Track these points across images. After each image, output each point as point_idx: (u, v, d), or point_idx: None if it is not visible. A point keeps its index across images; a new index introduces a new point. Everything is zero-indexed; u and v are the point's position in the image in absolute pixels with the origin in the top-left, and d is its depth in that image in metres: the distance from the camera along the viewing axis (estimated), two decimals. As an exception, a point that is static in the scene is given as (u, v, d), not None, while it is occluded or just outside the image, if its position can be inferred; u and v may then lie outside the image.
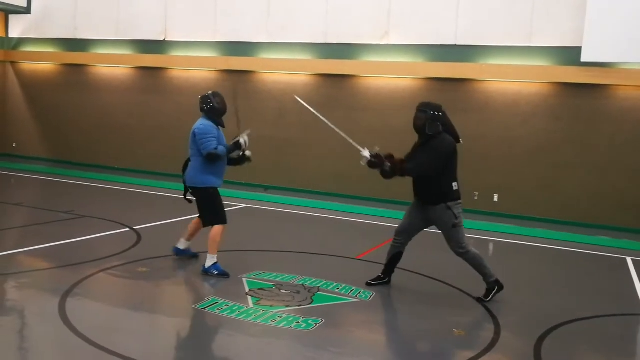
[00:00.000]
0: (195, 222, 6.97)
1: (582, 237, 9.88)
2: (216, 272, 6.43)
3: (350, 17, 11.96)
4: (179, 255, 7.06)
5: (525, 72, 10.69)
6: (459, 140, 6.09)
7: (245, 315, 5.32)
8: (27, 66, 15.42)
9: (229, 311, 5.39)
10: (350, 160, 11.68)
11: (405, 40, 11.55)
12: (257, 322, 5.18)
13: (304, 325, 5.18)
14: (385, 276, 6.46)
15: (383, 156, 5.96)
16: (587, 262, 8.56)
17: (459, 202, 6.01)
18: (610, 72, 10.18)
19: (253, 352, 4.67)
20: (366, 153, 5.97)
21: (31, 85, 15.38)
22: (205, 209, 6.61)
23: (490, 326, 5.46)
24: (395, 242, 6.34)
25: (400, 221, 6.38)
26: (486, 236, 9.72)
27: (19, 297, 5.67)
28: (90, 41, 14.41)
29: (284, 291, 6.07)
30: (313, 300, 5.85)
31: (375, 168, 5.97)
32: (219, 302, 5.59)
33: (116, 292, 6.06)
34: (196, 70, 13.43)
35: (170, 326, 5.27)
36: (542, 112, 10.80)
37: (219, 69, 13.14)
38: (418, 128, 6.03)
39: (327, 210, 11.11)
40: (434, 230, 6.30)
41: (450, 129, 6.04)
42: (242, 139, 6.53)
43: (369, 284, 6.42)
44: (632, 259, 8.59)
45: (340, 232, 9.67)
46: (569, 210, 10.63)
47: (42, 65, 15.18)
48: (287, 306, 5.62)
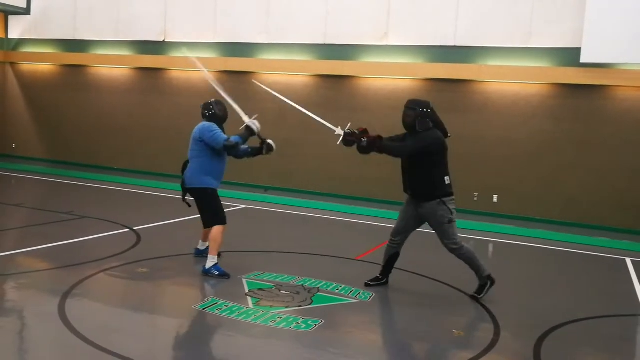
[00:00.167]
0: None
1: (582, 238, 9.89)
2: (217, 273, 6.44)
3: (349, 18, 11.95)
4: (198, 256, 7.13)
5: (525, 73, 10.69)
6: (446, 135, 6.14)
7: (245, 315, 5.32)
8: (27, 67, 15.42)
9: (228, 312, 5.39)
10: (349, 161, 11.77)
11: (405, 41, 11.55)
12: (256, 322, 5.19)
13: (304, 325, 5.18)
14: (383, 277, 6.48)
15: (357, 132, 5.98)
16: (587, 262, 8.57)
17: (452, 198, 6.04)
18: (609, 73, 10.18)
19: (253, 353, 4.67)
20: (340, 131, 6.01)
21: (31, 86, 15.37)
22: (205, 210, 6.64)
23: (489, 327, 5.47)
24: (392, 243, 6.35)
25: (395, 222, 6.40)
26: (486, 237, 9.73)
27: (18, 298, 5.67)
28: (90, 42, 14.41)
29: (284, 292, 6.07)
30: (313, 301, 5.86)
31: (351, 145, 5.99)
32: (219, 303, 5.59)
33: (116, 293, 6.06)
34: (195, 71, 13.42)
35: (170, 327, 5.27)
36: (542, 113, 10.80)
37: (219, 70, 13.13)
38: (407, 125, 6.06)
39: (326, 211, 11.12)
40: (432, 230, 6.29)
41: (439, 126, 6.09)
42: (252, 124, 6.51)
43: (367, 284, 6.43)
44: (631, 259, 8.60)
45: (340, 232, 9.68)
46: (569, 211, 10.63)
47: (41, 66, 15.17)
48: (287, 307, 5.62)
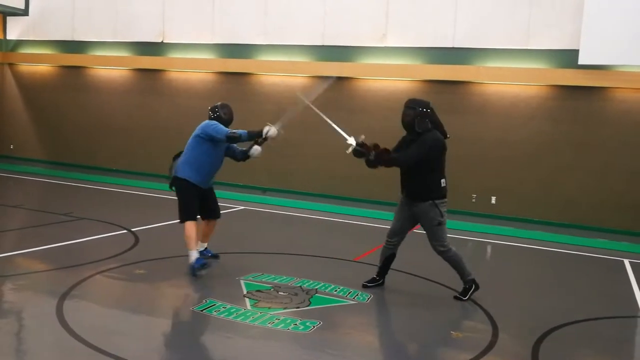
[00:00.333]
0: (206, 224, 7.07)
1: (580, 240, 9.90)
2: (199, 264, 6.43)
3: (348, 19, 11.96)
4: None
5: (523, 75, 10.71)
6: (446, 136, 6.15)
7: (242, 317, 5.32)
8: (25, 68, 15.41)
9: (226, 313, 5.38)
10: (349, 162, 11.73)
11: (403, 43, 11.56)
12: (254, 324, 5.18)
13: (302, 327, 5.18)
14: (380, 278, 6.48)
15: (369, 145, 5.90)
16: (585, 264, 8.58)
17: (444, 201, 6.05)
18: (607, 75, 10.20)
19: (251, 354, 4.67)
20: (352, 141, 5.92)
21: (29, 87, 15.37)
22: (178, 202, 6.69)
23: (488, 328, 5.46)
24: (388, 244, 6.36)
25: (391, 223, 6.41)
26: (484, 238, 9.73)
27: (16, 299, 5.66)
28: (88, 43, 14.41)
29: (282, 293, 6.06)
30: (311, 302, 5.85)
31: (360, 157, 5.92)
32: (217, 304, 5.58)
33: (114, 294, 6.05)
34: (194, 72, 13.43)
35: (168, 328, 5.26)
36: (540, 115, 10.81)
37: (217, 71, 13.14)
38: (406, 124, 6.05)
39: (325, 212, 11.12)
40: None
41: (438, 126, 6.09)
42: (269, 128, 6.33)
43: (364, 285, 6.42)
44: (629, 261, 8.61)
45: (338, 234, 9.67)
46: (567, 212, 10.64)
47: (40, 67, 15.17)
48: (285, 308, 5.62)
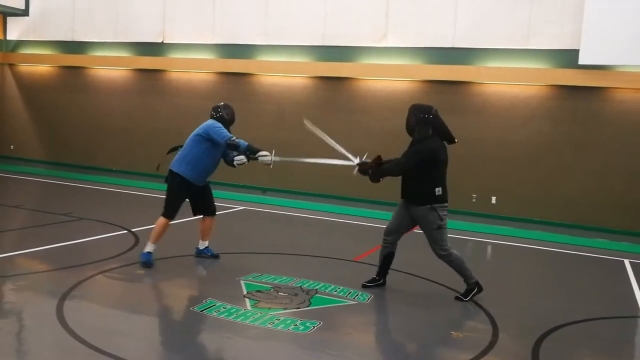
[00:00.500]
0: (202, 221, 7.15)
1: (580, 240, 9.90)
2: (144, 259, 6.64)
3: (348, 19, 11.96)
4: (199, 255, 7.22)
5: (523, 75, 10.70)
6: (453, 141, 6.14)
7: (242, 317, 5.32)
8: (25, 68, 15.42)
9: (226, 313, 5.39)
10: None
11: (404, 43, 11.56)
12: (254, 324, 5.18)
13: (302, 327, 5.18)
14: (380, 277, 6.48)
15: (371, 161, 6.08)
16: (585, 264, 8.58)
17: (444, 205, 6.04)
18: (608, 75, 10.19)
19: (251, 355, 4.67)
20: (355, 162, 6.13)
21: (29, 87, 15.37)
22: (166, 196, 6.78)
23: (488, 328, 5.46)
24: (385, 243, 6.37)
25: (388, 221, 6.43)
26: (484, 238, 9.73)
27: (17, 300, 5.66)
28: (89, 43, 14.41)
29: (282, 293, 6.07)
30: (311, 303, 5.85)
31: (365, 175, 6.13)
32: (217, 305, 5.59)
33: (114, 295, 6.05)
34: (194, 73, 13.44)
35: (168, 328, 5.26)
36: (540, 115, 10.81)
37: (217, 71, 13.14)
38: (408, 130, 6.14)
39: (325, 212, 11.12)
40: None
41: (443, 131, 6.08)
42: (266, 156, 6.40)
43: (364, 285, 6.43)
44: (629, 261, 8.61)
45: (338, 234, 9.67)
46: (567, 212, 10.64)
47: (40, 67, 15.17)
48: (285, 309, 5.62)
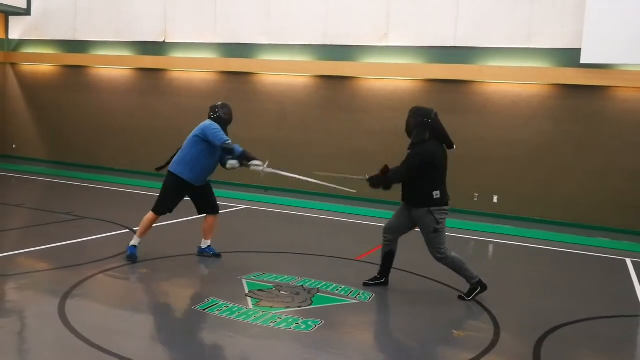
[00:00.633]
0: (204, 220, 7.20)
1: (582, 239, 9.89)
2: (130, 253, 6.80)
3: (349, 18, 11.96)
4: (201, 254, 7.25)
5: (525, 74, 10.69)
6: (451, 146, 6.15)
7: (244, 316, 5.32)
8: (27, 67, 15.43)
9: (228, 312, 5.39)
10: (349, 161, 11.77)
11: (405, 42, 11.55)
12: (256, 323, 5.19)
13: (304, 326, 5.18)
14: (382, 276, 6.48)
15: (379, 172, 6.15)
16: (587, 263, 8.57)
17: (443, 209, 6.04)
18: (609, 74, 10.19)
19: (253, 354, 4.68)
20: (365, 178, 6.21)
21: (31, 86, 15.39)
22: (159, 193, 6.90)
23: (489, 327, 5.46)
24: (385, 241, 6.38)
25: (389, 219, 6.46)
26: (486, 237, 9.73)
27: (18, 299, 5.67)
28: (90, 43, 14.42)
29: (284, 292, 6.07)
30: (313, 302, 5.86)
31: (377, 187, 6.24)
32: (219, 303, 5.59)
33: (116, 294, 6.06)
34: (196, 72, 13.44)
35: (170, 327, 5.27)
36: (542, 114, 10.81)
37: (219, 71, 13.15)
38: (409, 131, 6.17)
39: (326, 211, 11.12)
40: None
41: (441, 135, 6.08)
42: (259, 165, 6.52)
43: (365, 284, 6.44)
44: (631, 260, 8.60)
45: (340, 233, 9.67)
46: (569, 211, 10.63)
47: (42, 66, 15.19)
48: (287, 307, 5.63)
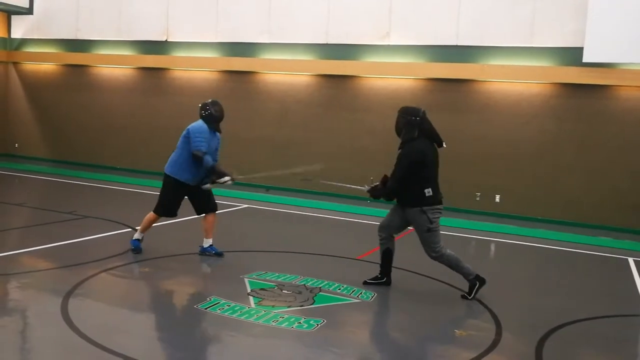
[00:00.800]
0: (204, 219, 7.24)
1: (584, 238, 9.88)
2: (132, 247, 7.12)
3: (351, 17, 11.96)
4: (203, 254, 7.28)
5: (527, 73, 10.68)
6: (441, 144, 6.18)
7: (247, 315, 5.33)
8: (30, 67, 15.45)
9: (230, 311, 5.40)
10: (351, 160, 11.77)
11: (407, 41, 11.55)
12: (258, 322, 5.19)
13: (306, 325, 5.19)
14: (383, 276, 6.47)
15: (379, 182, 6.22)
16: (589, 263, 8.57)
17: (436, 208, 6.05)
18: (612, 73, 10.17)
19: (254, 353, 4.68)
20: (365, 189, 6.30)
21: (33, 85, 15.41)
22: (159, 195, 7.10)
23: (491, 327, 5.46)
24: (380, 239, 6.40)
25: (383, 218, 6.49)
26: (488, 237, 9.73)
27: (21, 298, 5.68)
28: (92, 42, 14.44)
29: (286, 291, 6.08)
30: (315, 301, 5.86)
31: (378, 198, 6.32)
32: (221, 302, 5.60)
33: (118, 292, 6.07)
34: (198, 71, 13.45)
35: (172, 326, 5.27)
36: (544, 113, 10.80)
37: (221, 70, 13.15)
38: (398, 131, 6.22)
39: (328, 210, 11.12)
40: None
41: (431, 133, 6.11)
42: (227, 179, 6.85)
43: (366, 283, 6.44)
44: (634, 259, 8.59)
45: (342, 232, 9.68)
46: (571, 211, 10.62)
47: (44, 65, 15.21)
48: (289, 306, 5.63)
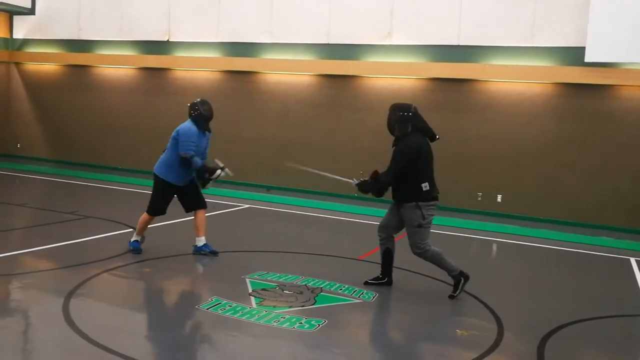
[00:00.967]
0: (195, 217, 7.26)
1: (586, 238, 9.87)
2: (133, 247, 7.16)
3: (353, 17, 11.94)
4: (196, 253, 7.28)
5: (529, 73, 10.66)
6: (434, 138, 6.19)
7: (248, 315, 5.33)
8: (31, 67, 15.46)
9: (232, 312, 5.40)
10: (352, 160, 11.76)
11: (408, 41, 11.53)
12: (260, 322, 5.19)
13: (307, 325, 5.19)
14: (384, 276, 6.47)
15: (369, 178, 6.15)
16: (591, 263, 8.56)
17: (431, 204, 6.04)
18: (613, 73, 10.15)
19: (256, 353, 4.68)
20: (353, 182, 6.24)
21: (35, 86, 15.42)
22: (151, 195, 7.13)
23: (493, 327, 5.46)
24: (379, 240, 6.40)
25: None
26: (490, 237, 9.72)
27: (22, 298, 5.69)
28: (94, 42, 14.44)
29: (287, 292, 6.08)
30: (316, 301, 5.86)
31: (367, 192, 6.23)
32: (222, 303, 5.60)
33: (120, 293, 6.08)
34: (199, 71, 13.45)
35: (173, 326, 5.27)
36: (546, 113, 10.78)
37: (222, 70, 13.15)
38: (389, 128, 6.22)
39: (329, 210, 11.12)
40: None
41: (423, 127, 6.13)
42: (220, 171, 6.91)
43: (366, 283, 6.44)
44: (635, 259, 8.58)
45: (343, 232, 9.68)
46: (573, 210, 10.60)
47: (46, 66, 15.21)
48: (290, 307, 5.63)
